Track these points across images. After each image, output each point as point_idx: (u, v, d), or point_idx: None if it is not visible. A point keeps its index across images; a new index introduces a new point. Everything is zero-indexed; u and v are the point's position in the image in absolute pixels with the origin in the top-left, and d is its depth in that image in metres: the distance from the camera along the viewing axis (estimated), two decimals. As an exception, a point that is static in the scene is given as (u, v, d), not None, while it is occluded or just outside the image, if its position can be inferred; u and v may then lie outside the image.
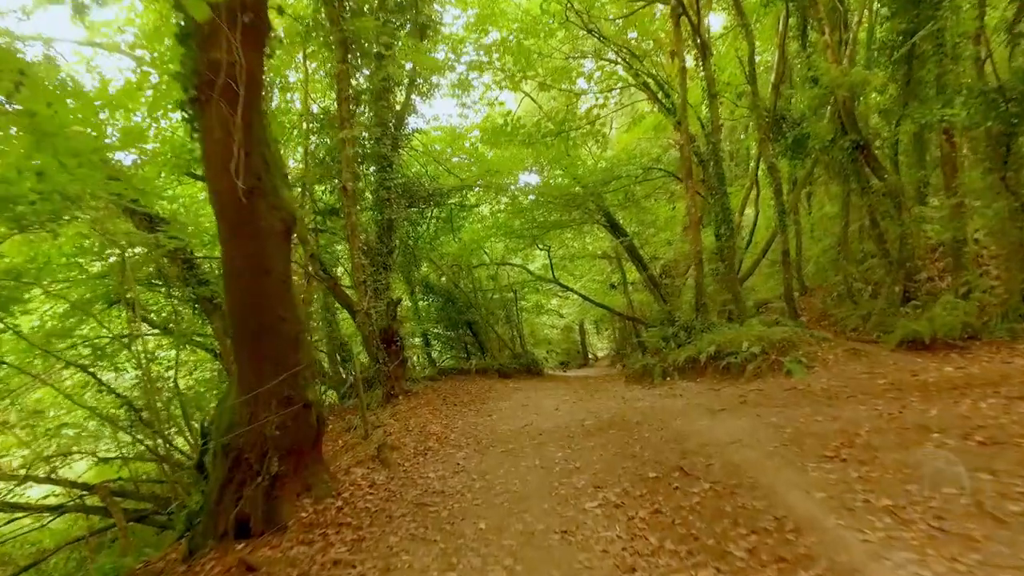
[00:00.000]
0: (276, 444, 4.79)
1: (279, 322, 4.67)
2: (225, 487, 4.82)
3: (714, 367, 8.90)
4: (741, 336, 9.06)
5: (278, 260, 4.62)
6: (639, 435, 6.43)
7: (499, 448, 6.73)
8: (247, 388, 4.71)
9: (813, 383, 7.26)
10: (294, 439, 4.96)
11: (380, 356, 9.59)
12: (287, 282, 4.72)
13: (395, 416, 8.50)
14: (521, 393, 10.22)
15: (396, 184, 13.75)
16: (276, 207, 4.57)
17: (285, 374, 4.72)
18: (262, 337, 4.64)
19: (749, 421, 5.99)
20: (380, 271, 13.30)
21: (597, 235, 20.84)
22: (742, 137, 19.50)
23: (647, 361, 10.02)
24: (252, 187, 4.30)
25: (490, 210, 17.52)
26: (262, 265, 4.51)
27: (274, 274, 4.59)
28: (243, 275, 4.51)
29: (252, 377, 4.69)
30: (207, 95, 4.07)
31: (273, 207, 4.54)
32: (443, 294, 18.02)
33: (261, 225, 4.44)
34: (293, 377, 4.85)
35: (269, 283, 4.58)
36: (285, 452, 4.90)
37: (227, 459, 4.83)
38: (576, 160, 14.75)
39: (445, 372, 15.46)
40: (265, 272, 4.54)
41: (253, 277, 4.51)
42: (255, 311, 4.58)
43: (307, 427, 5.08)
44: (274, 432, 4.60)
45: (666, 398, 8.13)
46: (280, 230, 4.60)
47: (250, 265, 4.49)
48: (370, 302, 9.39)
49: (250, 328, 4.62)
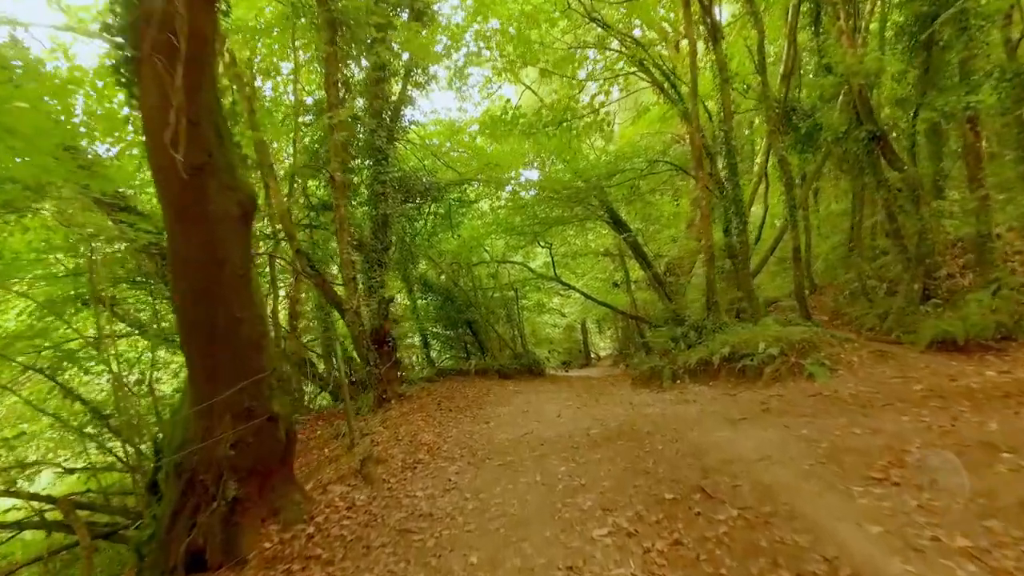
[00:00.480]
0: (235, 464, 4.06)
1: (236, 323, 3.94)
2: (178, 513, 4.10)
3: (728, 370, 8.16)
4: (756, 336, 8.31)
5: (234, 250, 3.89)
6: (651, 447, 5.69)
7: (496, 461, 6.00)
8: (200, 399, 3.99)
9: (840, 388, 6.51)
10: (257, 457, 4.23)
11: (371, 358, 8.87)
12: (246, 276, 3.99)
13: (385, 423, 7.78)
14: (521, 397, 9.49)
15: (391, 178, 13.04)
16: (231, 188, 3.85)
17: (244, 383, 3.99)
18: (216, 340, 3.92)
19: (776, 433, 5.25)
20: (375, 268, 12.59)
21: (599, 232, 20.10)
22: (747, 132, 18.73)
23: (655, 363, 9.28)
24: (201, 164, 3.58)
25: (490, 206, 16.78)
26: (214, 255, 3.79)
27: (229, 266, 3.86)
28: (192, 267, 3.79)
29: (205, 386, 3.98)
30: (142, 53, 3.35)
31: (227, 188, 3.82)
32: (442, 292, 17.30)
33: (212, 208, 3.72)
34: (255, 386, 4.12)
35: (223, 276, 3.85)
36: (247, 473, 4.17)
37: (179, 481, 4.12)
38: (578, 153, 14.00)
39: (443, 373, 14.73)
40: (218, 264, 3.81)
41: (204, 269, 3.79)
42: (207, 309, 3.85)
43: (273, 443, 4.36)
44: (229, 451, 3.87)
45: (678, 404, 7.38)
46: (236, 215, 3.87)
47: (200, 255, 3.76)
48: (360, 300, 8.67)
49: (202, 329, 3.90)
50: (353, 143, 13.30)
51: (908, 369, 6.93)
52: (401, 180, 13.23)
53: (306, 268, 8.86)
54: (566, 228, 18.20)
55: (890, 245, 14.52)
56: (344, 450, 6.85)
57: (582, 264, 22.12)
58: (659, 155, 13.64)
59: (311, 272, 8.90)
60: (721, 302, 12.64)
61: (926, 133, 12.19)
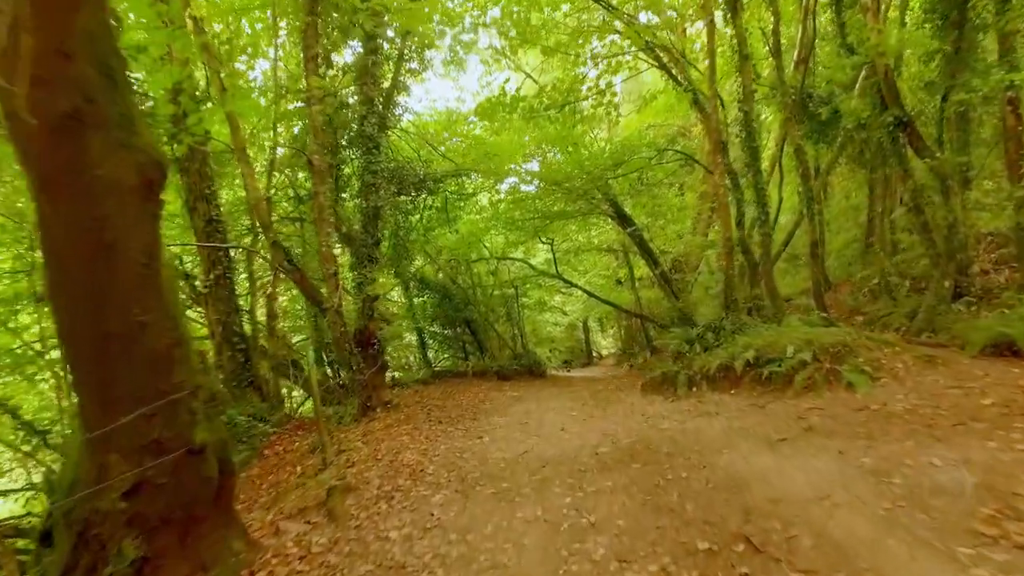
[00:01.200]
0: (142, 512, 3.02)
1: (135, 329, 2.88)
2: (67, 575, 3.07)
3: (752, 376, 7.09)
4: (783, 339, 7.25)
5: (130, 232, 2.83)
6: (674, 474, 4.64)
7: (489, 488, 4.96)
8: (91, 428, 2.94)
9: (889, 401, 5.45)
10: (175, 501, 3.19)
11: (354, 362, 7.83)
12: (151, 267, 2.93)
13: (367, 436, 6.74)
14: (520, 405, 8.44)
15: (383, 168, 12.00)
16: (127, 147, 2.79)
17: (149, 407, 2.95)
18: (108, 352, 2.86)
19: (830, 461, 4.19)
20: (365, 264, 11.57)
21: (602, 227, 19.03)
22: (754, 124, 17.60)
23: (668, 368, 8.22)
24: (75, 110, 2.53)
25: (489, 200, 15.73)
26: (100, 238, 2.73)
27: (123, 254, 2.80)
28: (69, 254, 2.74)
29: (96, 412, 2.93)
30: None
31: (120, 147, 2.76)
32: (439, 290, 16.26)
33: (97, 175, 2.67)
34: (168, 410, 3.07)
35: (115, 268, 2.79)
36: (160, 522, 3.13)
37: (70, 533, 3.07)
38: (581, 140, 12.92)
39: (439, 375, 13.71)
40: (106, 250, 2.75)
41: (85, 258, 2.74)
42: (94, 312, 2.80)
43: (197, 482, 3.31)
44: (119, 503, 2.83)
45: (698, 416, 6.32)
46: (132, 184, 2.81)
47: (80, 239, 2.71)
48: (340, 299, 7.63)
49: (86, 338, 2.85)
50: (344, 133, 12.29)
51: (964, 378, 5.86)
52: (393, 171, 12.19)
53: (283, 263, 7.82)
54: (568, 223, 17.14)
55: (915, 239, 13.41)
56: (317, 470, 5.81)
57: (585, 261, 21.08)
58: (669, 142, 12.54)
59: (288, 267, 7.86)
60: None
61: (955, 119, 11.13)
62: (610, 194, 14.28)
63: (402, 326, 16.42)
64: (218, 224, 8.97)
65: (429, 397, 9.51)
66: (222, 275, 8.86)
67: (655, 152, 11.82)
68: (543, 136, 13.37)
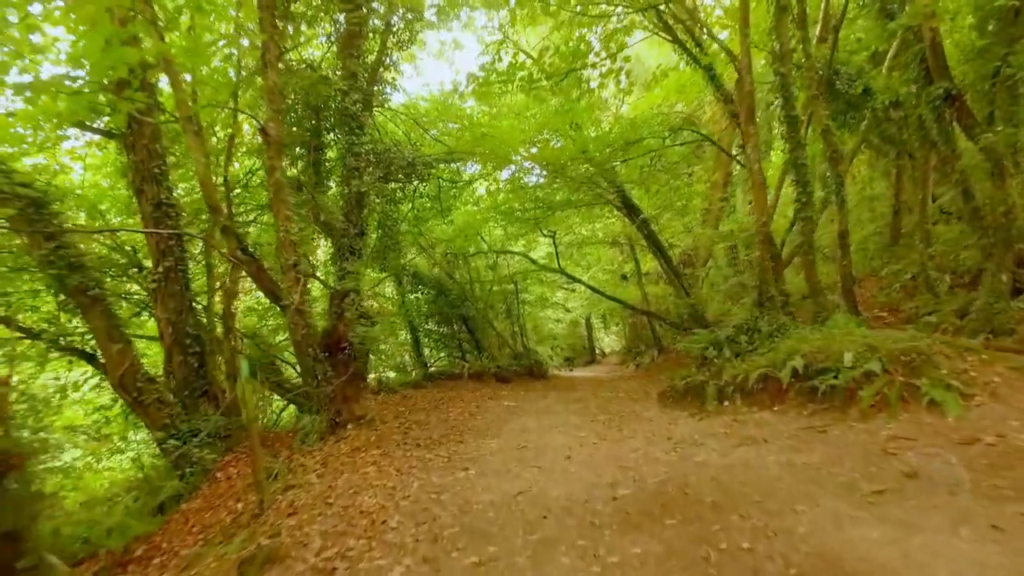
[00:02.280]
0: None
1: None
2: None
3: (800, 389, 5.58)
4: (837, 343, 5.73)
5: None
6: (729, 541, 3.13)
7: (469, 554, 3.46)
8: None
9: (1002, 429, 3.95)
10: None
11: (319, 370, 6.36)
12: None
13: (325, 464, 5.25)
14: (517, 420, 6.91)
15: (367, 150, 10.50)
16: None
17: None
18: None
19: (979, 541, 2.68)
20: (346, 256, 10.08)
21: (607, 219, 17.50)
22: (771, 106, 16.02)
23: (690, 375, 6.72)
24: None
25: (487, 190, 14.21)
26: None
27: None
28: None
29: None
30: None
31: None
32: (434, 285, 14.76)
33: None
34: None
35: None
36: None
37: None
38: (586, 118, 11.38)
39: (433, 377, 12.22)
40: None
41: None
42: None
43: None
44: None
45: (741, 444, 4.80)
46: None
47: None
48: (302, 294, 6.14)
49: None
50: (327, 115, 10.80)
51: (1090, 396, 4.36)
52: (379, 153, 10.68)
53: (235, 251, 6.32)
54: (571, 215, 15.62)
55: (954, 229, 11.83)
56: (252, 514, 4.33)
57: (588, 255, 19.57)
58: (685, 122, 10.97)
59: (243, 256, 6.36)
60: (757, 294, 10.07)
61: (1007, 93, 9.58)
62: (616, 182, 12.77)
63: (396, 324, 14.95)
64: (169, 208, 7.48)
65: (414, 407, 8.02)
66: (173, 267, 7.37)
67: (667, 132, 10.27)
68: (544, 117, 11.85)
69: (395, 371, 15.07)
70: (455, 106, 12.61)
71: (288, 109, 10.58)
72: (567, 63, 8.90)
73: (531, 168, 14.06)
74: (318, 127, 10.82)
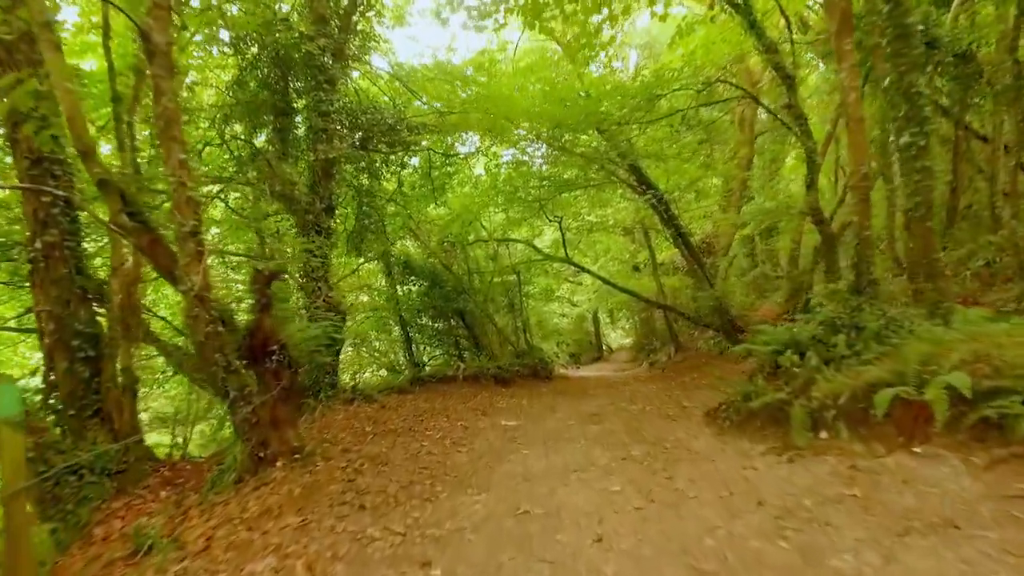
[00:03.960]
0: None
1: None
2: None
3: (958, 420, 3.39)
4: (1005, 350, 3.54)
5: None
6: None
7: None
8: None
9: None
10: None
11: (234, 384, 4.22)
12: None
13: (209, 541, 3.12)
14: (517, 455, 4.59)
15: (339, 108, 8.35)
16: None
17: None
18: None
19: None
20: (310, 234, 7.95)
21: (617, 205, 15.26)
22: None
23: (764, 393, 4.53)
24: None
25: (486, 167, 12.00)
26: None
27: None
28: None
29: None
30: None
31: None
32: (428, 276, 12.58)
33: None
34: None
35: None
36: None
37: None
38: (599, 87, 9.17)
39: (422, 381, 10.06)
40: None
41: None
42: None
43: None
44: None
45: (905, 534, 2.60)
46: None
47: None
48: (206, 276, 4.00)
49: None
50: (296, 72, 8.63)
51: None
52: (353, 113, 8.51)
53: (118, 215, 4.20)
54: (579, 199, 13.40)
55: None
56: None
57: (597, 243, 17.32)
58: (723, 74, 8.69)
59: (131, 223, 4.23)
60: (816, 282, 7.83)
61: None
62: (631, 156, 10.56)
63: (385, 318, 12.82)
64: (55, 166, 5.34)
65: (383, 428, 5.84)
66: (58, 244, 5.23)
67: (701, 85, 8.03)
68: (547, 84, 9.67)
69: (388, 371, 12.94)
70: (449, 65, 10.41)
71: (250, 65, 8.45)
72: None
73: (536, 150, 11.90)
74: (286, 88, 8.65)
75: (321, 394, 7.62)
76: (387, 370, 13.03)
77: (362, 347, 13.53)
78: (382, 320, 12.95)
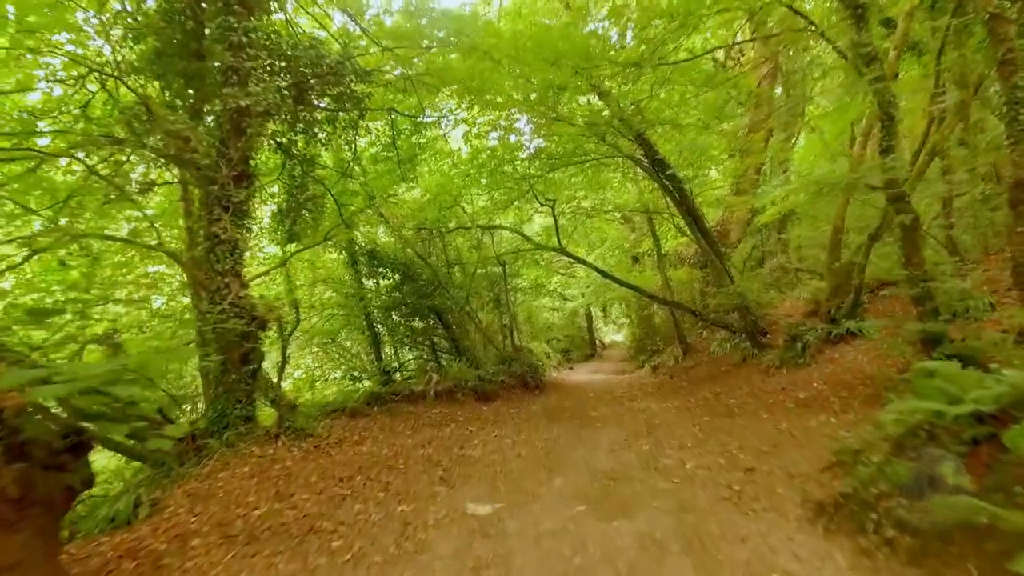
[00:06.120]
0: None
1: None
2: None
3: None
4: None
5: None
6: None
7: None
8: None
9: None
10: None
11: None
12: None
13: None
14: None
15: (256, 38, 5.84)
16: None
17: None
18: None
19: None
20: (215, 210, 5.50)
21: (616, 188, 12.91)
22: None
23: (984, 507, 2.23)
24: None
25: (465, 137, 9.52)
26: None
27: None
28: None
29: None
30: None
31: None
32: (398, 268, 10.16)
33: None
34: None
35: None
36: None
37: None
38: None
39: (380, 399, 7.68)
40: None
41: None
42: None
43: None
44: None
45: None
46: None
47: None
48: None
49: None
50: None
51: None
52: (277, 48, 6.00)
53: None
54: (575, 178, 11.00)
55: None
56: None
57: (593, 232, 14.95)
58: None
59: None
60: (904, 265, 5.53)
61: None
62: (638, 124, 8.21)
63: (349, 316, 10.38)
64: None
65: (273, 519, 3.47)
66: None
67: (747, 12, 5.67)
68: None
69: (354, 379, 10.55)
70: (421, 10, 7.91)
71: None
72: None
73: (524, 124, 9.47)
74: (199, 28, 6.11)
75: (228, 432, 5.20)
76: (353, 377, 10.66)
77: (331, 346, 11.15)
78: (348, 319, 10.54)
